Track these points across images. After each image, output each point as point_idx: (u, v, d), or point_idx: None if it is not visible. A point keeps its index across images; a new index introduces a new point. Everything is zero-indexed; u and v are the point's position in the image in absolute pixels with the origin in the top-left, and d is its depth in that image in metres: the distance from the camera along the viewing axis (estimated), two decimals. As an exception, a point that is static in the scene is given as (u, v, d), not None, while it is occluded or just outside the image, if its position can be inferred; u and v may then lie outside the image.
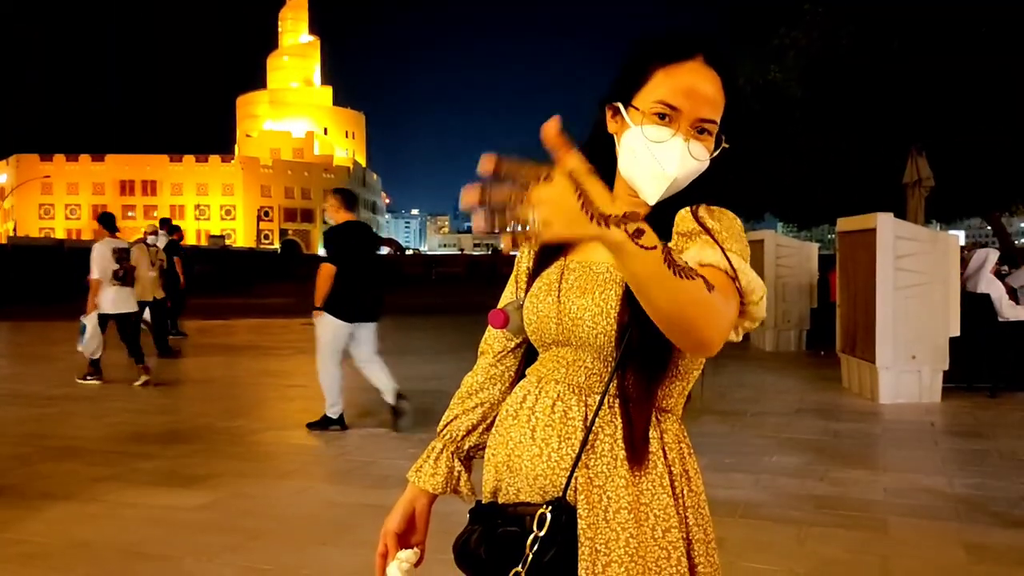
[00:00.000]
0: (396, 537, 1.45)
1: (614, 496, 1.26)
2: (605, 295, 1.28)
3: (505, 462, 1.35)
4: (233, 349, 12.64)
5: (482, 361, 1.50)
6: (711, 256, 1.18)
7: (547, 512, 1.24)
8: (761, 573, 3.48)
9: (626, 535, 1.24)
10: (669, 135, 1.28)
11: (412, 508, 1.48)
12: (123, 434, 6.35)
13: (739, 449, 5.67)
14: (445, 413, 1.50)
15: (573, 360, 1.32)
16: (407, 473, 1.49)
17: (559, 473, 1.28)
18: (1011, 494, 4.68)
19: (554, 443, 1.29)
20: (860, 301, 7.94)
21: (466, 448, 1.48)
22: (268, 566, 3.61)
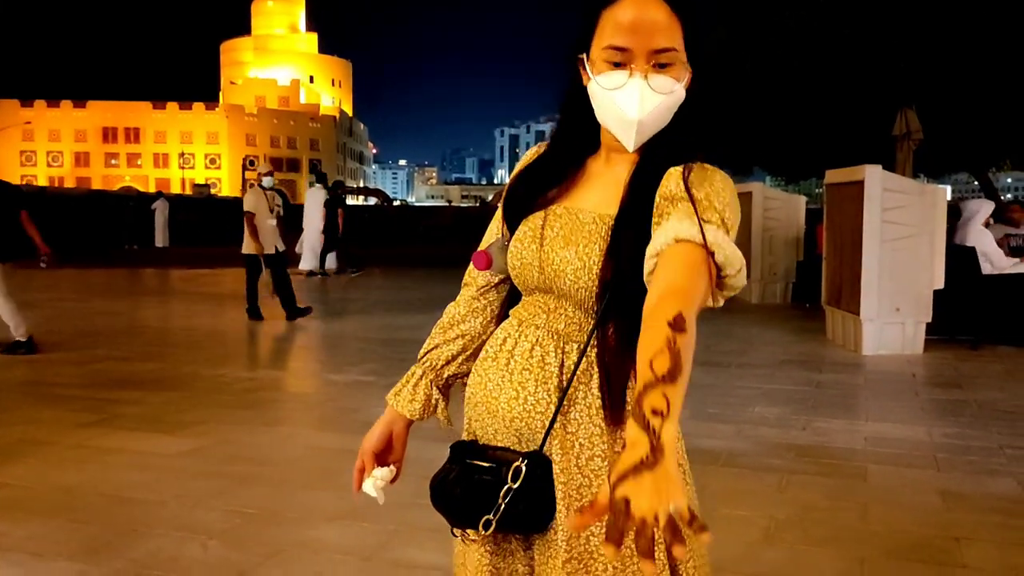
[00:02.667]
0: (373, 456, 1.47)
1: (587, 444, 1.27)
2: (588, 249, 1.27)
3: (484, 403, 1.36)
4: (219, 297, 12.59)
5: (465, 293, 1.49)
6: (687, 230, 1.14)
7: (522, 466, 1.26)
8: (742, 520, 3.53)
9: (599, 481, 1.26)
10: (624, 78, 1.25)
11: (390, 430, 1.49)
12: (106, 381, 6.33)
13: (722, 400, 5.72)
14: (426, 341, 1.50)
15: (555, 307, 1.32)
16: (386, 395, 1.51)
17: (535, 417, 1.29)
18: (989, 444, 4.75)
19: (531, 387, 1.30)
20: (846, 253, 7.96)
21: (445, 376, 1.48)
22: (253, 510, 3.63)
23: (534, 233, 1.33)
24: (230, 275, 17.05)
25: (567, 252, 1.28)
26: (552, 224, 1.32)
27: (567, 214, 1.32)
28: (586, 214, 1.31)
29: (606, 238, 1.26)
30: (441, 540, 3.22)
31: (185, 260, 19.26)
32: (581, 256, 1.27)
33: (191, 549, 3.22)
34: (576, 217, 1.31)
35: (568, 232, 1.30)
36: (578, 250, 1.27)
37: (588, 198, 1.33)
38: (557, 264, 1.29)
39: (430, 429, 2.04)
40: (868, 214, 7.49)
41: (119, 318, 10.28)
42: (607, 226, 1.27)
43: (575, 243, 1.28)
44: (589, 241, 1.27)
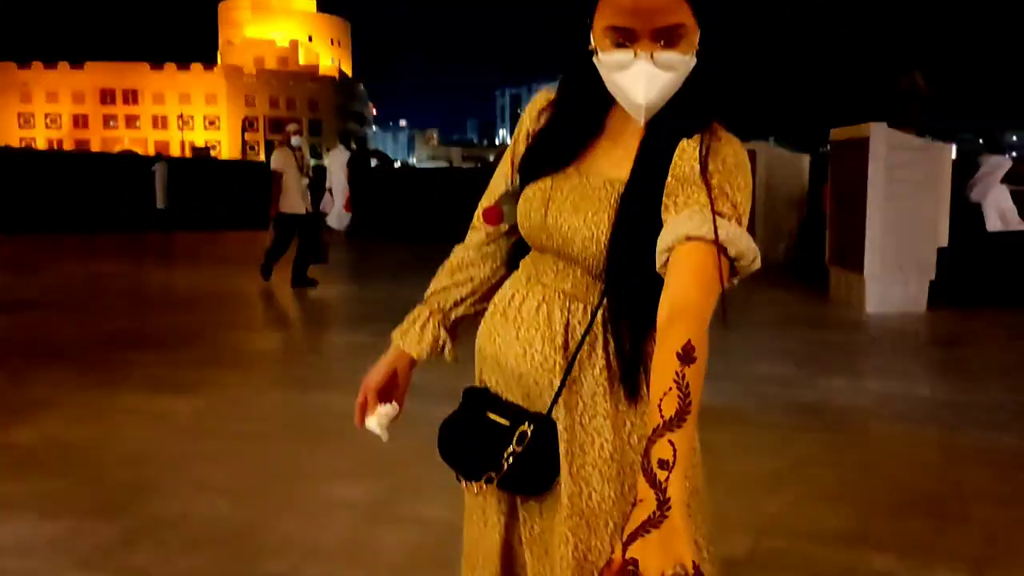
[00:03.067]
0: (376, 392, 1.47)
1: (590, 403, 1.28)
2: (597, 218, 1.25)
3: (493, 356, 1.36)
4: (221, 259, 12.59)
5: (474, 237, 1.47)
6: (699, 227, 1.12)
7: (528, 430, 1.27)
8: (745, 475, 3.56)
9: (601, 440, 1.27)
10: (630, 59, 1.18)
11: (394, 367, 1.49)
12: (112, 342, 6.36)
13: (726, 359, 5.73)
14: (432, 281, 1.49)
15: (562, 268, 1.31)
16: (392, 333, 1.51)
17: (542, 374, 1.29)
18: (990, 401, 4.77)
19: (538, 345, 1.30)
20: (850, 212, 7.93)
21: (452, 318, 1.48)
22: (260, 467, 3.66)
23: (543, 194, 1.31)
24: (232, 237, 17.05)
25: (576, 219, 1.26)
26: (561, 186, 1.30)
27: (577, 176, 1.30)
28: (596, 177, 1.28)
29: (615, 206, 1.24)
30: (447, 495, 3.24)
31: (187, 223, 19.22)
32: (590, 225, 1.25)
33: (200, 506, 3.25)
34: (587, 181, 1.29)
35: (577, 197, 1.28)
36: (587, 218, 1.25)
37: (599, 159, 1.30)
38: (565, 231, 1.27)
39: (434, 387, 2.04)
40: (873, 171, 7.45)
41: (122, 280, 10.30)
42: (617, 192, 1.25)
43: (584, 210, 1.26)
44: (598, 208, 1.25)
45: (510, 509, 1.37)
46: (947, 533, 3.03)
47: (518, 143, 1.40)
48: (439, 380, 1.51)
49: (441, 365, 1.52)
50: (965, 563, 2.79)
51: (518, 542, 1.37)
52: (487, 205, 1.41)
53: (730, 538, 2.88)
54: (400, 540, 2.96)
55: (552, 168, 1.32)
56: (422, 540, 2.95)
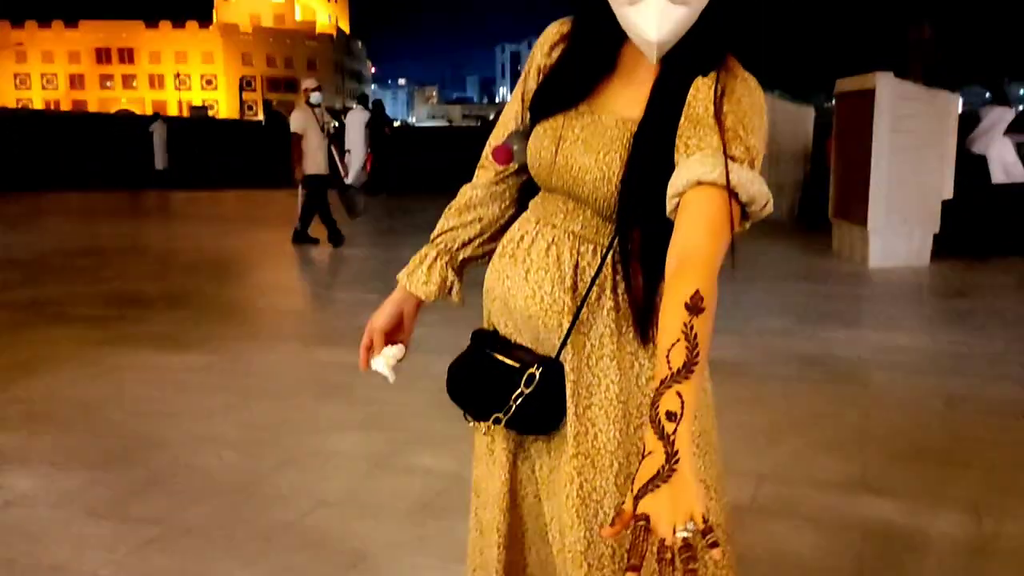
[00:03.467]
0: (383, 334, 1.46)
1: (597, 344, 1.28)
2: (609, 158, 1.23)
3: (502, 298, 1.35)
4: (222, 218, 12.58)
5: (482, 176, 1.44)
6: (710, 172, 1.11)
7: (537, 372, 1.27)
8: (747, 425, 3.59)
9: (607, 381, 1.27)
10: None
11: (400, 309, 1.47)
12: (116, 301, 6.38)
13: (728, 312, 5.70)
14: (439, 222, 1.47)
15: (572, 209, 1.29)
16: (397, 275, 1.49)
17: (551, 316, 1.29)
18: (992, 350, 4.79)
19: (547, 287, 1.29)
20: (855, 165, 7.88)
21: (459, 259, 1.46)
22: (265, 422, 3.70)
23: (554, 133, 1.28)
24: (230, 196, 17.01)
25: (586, 159, 1.24)
26: (573, 125, 1.27)
27: (590, 114, 1.27)
28: (609, 116, 1.26)
29: (627, 146, 1.22)
30: (451, 447, 3.29)
31: (186, 182, 19.16)
32: (601, 165, 1.23)
33: (206, 458, 3.29)
34: (599, 118, 1.26)
35: (589, 136, 1.26)
36: (598, 158, 1.24)
37: (613, 97, 1.28)
38: (576, 172, 1.25)
39: (438, 342, 2.05)
40: (878, 122, 7.39)
41: (125, 240, 10.30)
42: (629, 131, 1.23)
43: (595, 150, 1.24)
44: (610, 149, 1.23)
45: (516, 449, 1.38)
46: (947, 479, 3.07)
47: (528, 79, 1.37)
48: (443, 334, 1.51)
49: (444, 320, 1.51)
50: (965, 508, 2.82)
51: (525, 481, 1.39)
52: (496, 143, 1.38)
53: (732, 485, 2.91)
54: (405, 489, 3.00)
55: (563, 106, 1.29)
56: (427, 489, 2.99)
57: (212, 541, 2.63)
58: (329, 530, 2.69)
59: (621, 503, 1.18)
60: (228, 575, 2.42)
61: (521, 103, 1.38)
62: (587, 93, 1.29)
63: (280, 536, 2.65)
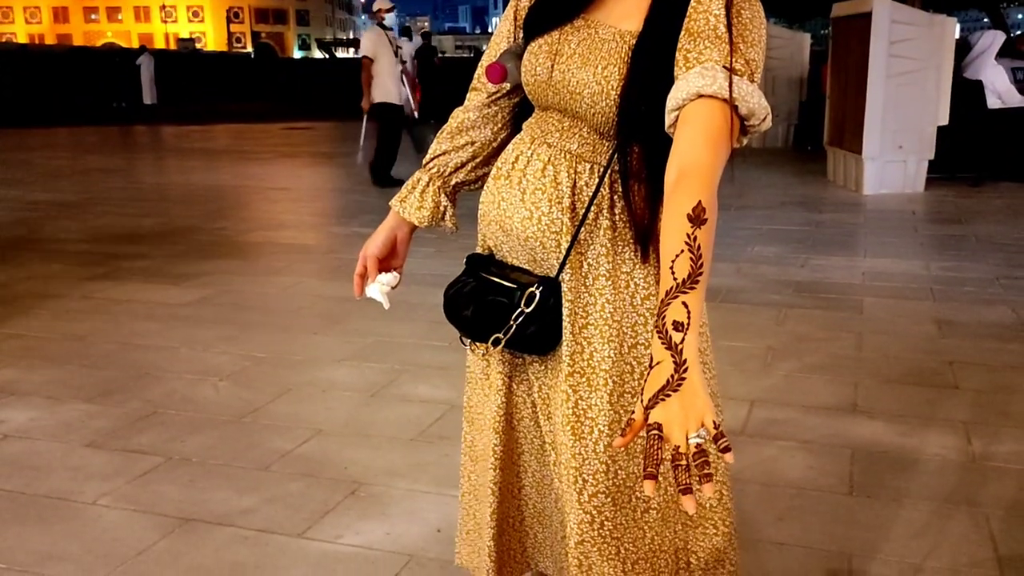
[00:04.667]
0: (377, 261, 1.45)
1: (594, 263, 1.27)
2: (607, 72, 1.20)
3: (497, 221, 1.34)
4: (213, 153, 12.45)
5: (475, 98, 1.42)
6: (712, 84, 1.09)
7: (536, 291, 1.26)
8: (739, 351, 3.62)
9: (602, 300, 1.27)
10: None
11: (394, 235, 1.47)
12: (108, 236, 6.34)
13: (722, 240, 5.73)
14: (431, 147, 1.45)
15: (568, 127, 1.27)
16: (390, 201, 1.47)
17: (549, 237, 1.28)
18: (985, 275, 4.81)
19: (544, 206, 1.27)
20: (851, 91, 7.79)
21: (452, 183, 1.44)
22: (261, 354, 3.71)
23: (550, 48, 1.26)
24: (220, 131, 16.80)
25: (584, 73, 1.22)
26: (569, 39, 1.25)
27: (586, 27, 1.25)
28: (606, 29, 1.23)
29: (626, 59, 1.20)
30: (447, 376, 3.31)
31: (175, 116, 18.91)
32: (599, 79, 1.21)
33: (203, 390, 3.31)
34: (596, 32, 1.24)
35: (586, 50, 1.23)
36: (596, 72, 1.21)
37: (610, 10, 1.25)
38: (573, 86, 1.23)
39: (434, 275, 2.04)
40: (875, 47, 7.27)
41: (115, 175, 10.20)
42: (628, 45, 1.21)
43: (593, 64, 1.22)
44: (608, 62, 1.21)
45: (512, 372, 1.38)
46: (937, 401, 3.10)
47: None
48: (438, 265, 1.50)
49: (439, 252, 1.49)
50: (954, 428, 2.86)
51: (520, 404, 1.40)
52: (489, 62, 1.35)
53: (724, 408, 2.94)
54: (401, 417, 3.03)
55: (559, 19, 1.27)
56: (423, 417, 3.02)
57: (210, 470, 2.66)
58: (326, 458, 2.73)
59: (628, 417, 1.21)
60: (226, 503, 2.46)
61: (513, 21, 1.36)
62: (583, 5, 1.27)
63: (278, 464, 2.69)
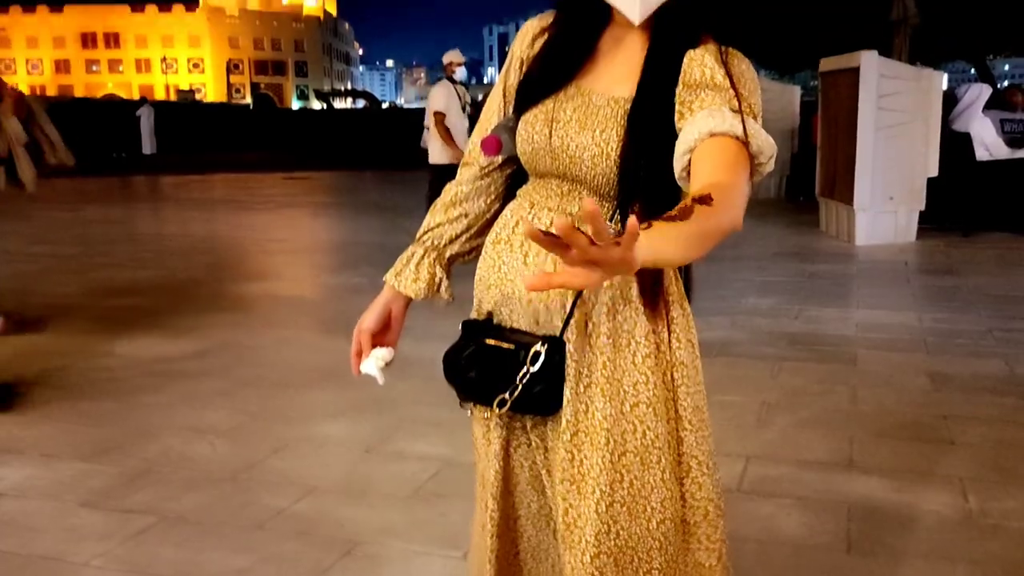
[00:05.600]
0: (371, 336, 1.45)
1: (596, 322, 1.29)
2: (606, 134, 1.25)
3: (498, 285, 1.36)
4: (211, 203, 12.54)
5: (467, 172, 1.45)
6: (722, 123, 1.13)
7: (542, 350, 1.27)
8: (735, 405, 3.62)
9: (603, 358, 1.28)
10: None
11: (388, 310, 1.47)
12: (106, 289, 6.36)
13: (716, 292, 5.77)
14: (425, 220, 1.47)
15: (568, 191, 1.30)
16: (384, 276, 1.48)
17: (554, 298, 1.29)
18: (978, 327, 4.84)
19: (548, 268, 1.29)
20: (841, 144, 7.90)
21: (447, 256, 1.46)
22: (257, 409, 3.71)
23: (546, 116, 1.30)
24: (219, 181, 16.93)
25: (583, 137, 1.26)
26: (564, 106, 1.29)
27: (579, 95, 1.29)
28: (599, 96, 1.28)
29: (623, 122, 1.24)
30: (443, 433, 3.31)
31: (174, 167, 19.06)
32: (598, 141, 1.25)
33: (199, 447, 3.30)
34: (589, 99, 1.28)
35: (582, 116, 1.27)
36: (595, 135, 1.25)
37: (600, 78, 1.30)
38: (573, 150, 1.27)
39: (427, 328, 2.06)
40: (863, 101, 7.40)
41: (113, 226, 10.26)
42: (623, 109, 1.25)
43: (591, 127, 1.26)
44: (606, 126, 1.25)
45: (510, 436, 1.39)
46: (933, 456, 3.11)
47: (509, 73, 1.39)
48: (432, 319, 1.51)
49: (431, 305, 1.50)
50: (950, 484, 2.86)
51: (518, 468, 1.41)
52: (482, 136, 1.38)
53: (719, 464, 2.94)
54: (397, 474, 3.02)
55: (550, 89, 1.31)
56: (419, 474, 3.01)
57: (205, 530, 2.64)
58: (321, 517, 2.72)
59: (630, 477, 1.25)
60: (221, 563, 2.44)
61: (503, 97, 1.40)
62: (573, 74, 1.31)
63: (273, 523, 2.67)
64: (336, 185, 15.49)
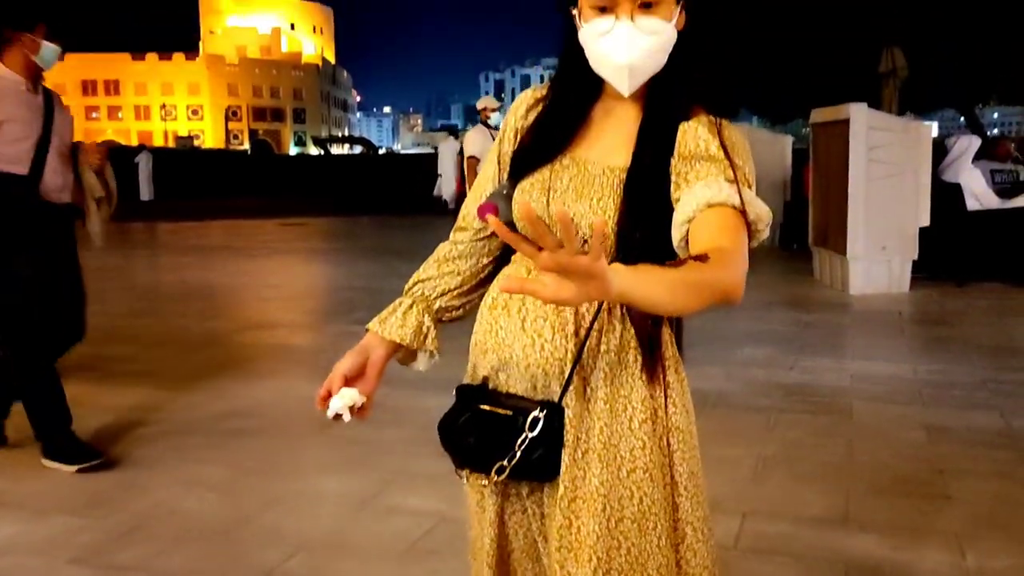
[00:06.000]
0: (343, 379, 1.38)
1: (594, 387, 1.30)
2: (603, 203, 1.27)
3: (494, 350, 1.36)
4: (207, 250, 12.56)
5: (460, 236, 1.46)
6: (719, 193, 1.17)
7: (541, 416, 1.27)
8: (731, 458, 3.60)
9: (600, 424, 1.28)
10: (611, 23, 1.25)
11: (366, 356, 1.41)
12: (100, 337, 6.31)
13: (711, 342, 5.77)
14: (415, 273, 1.46)
15: None
16: (368, 323, 1.44)
17: (552, 363, 1.30)
18: (973, 379, 4.83)
19: (547, 334, 1.31)
20: (833, 193, 7.97)
21: (436, 307, 1.44)
22: (249, 462, 3.68)
23: (543, 185, 1.32)
24: (216, 227, 16.97)
25: (580, 206, 1.29)
26: (560, 176, 1.32)
27: (574, 165, 1.32)
28: (594, 165, 1.31)
29: (619, 191, 1.27)
30: (437, 487, 3.28)
31: (171, 213, 19.13)
32: (596, 210, 1.27)
33: (189, 502, 3.27)
34: (584, 168, 1.31)
35: (579, 185, 1.30)
36: (592, 203, 1.28)
37: (594, 148, 1.33)
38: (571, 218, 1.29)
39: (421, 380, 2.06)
40: (854, 152, 7.48)
41: (108, 273, 10.24)
42: (619, 178, 1.28)
43: (588, 196, 1.29)
44: (603, 195, 1.28)
45: (504, 503, 1.39)
46: (929, 512, 3.09)
47: (504, 142, 1.42)
48: (425, 373, 1.51)
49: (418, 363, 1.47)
50: (947, 541, 2.84)
51: (512, 536, 1.40)
52: (478, 204, 1.40)
53: (716, 522, 2.91)
54: (390, 530, 2.99)
55: (545, 159, 1.34)
56: (412, 529, 2.98)
57: (195, 588, 2.61)
58: (313, 574, 2.68)
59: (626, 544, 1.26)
60: (211, 623, 2.41)
61: (497, 164, 1.42)
62: (567, 144, 1.34)
63: (263, 581, 2.64)
64: (333, 230, 15.55)
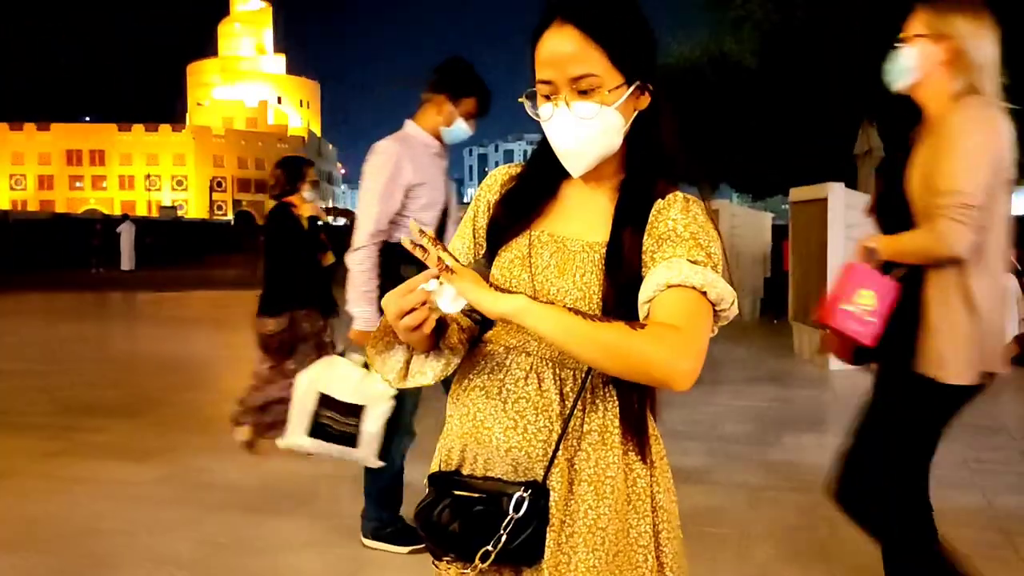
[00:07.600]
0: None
1: (578, 468, 1.28)
2: (586, 278, 1.28)
3: (472, 433, 1.32)
4: (187, 321, 12.46)
5: None
6: (678, 275, 1.19)
7: (525, 496, 1.24)
8: (712, 538, 3.56)
9: (585, 506, 1.27)
10: (551, 110, 1.28)
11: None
12: (73, 408, 6.24)
13: (693, 417, 5.75)
14: None
15: None
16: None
17: (535, 446, 1.28)
18: (954, 458, 4.82)
19: (530, 416, 1.28)
20: (812, 269, 8.07)
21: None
22: (223, 539, 3.59)
23: (522, 260, 1.33)
24: (196, 298, 16.90)
25: (563, 282, 1.29)
26: (539, 252, 1.32)
27: (553, 242, 1.33)
28: (573, 242, 1.32)
29: (600, 266, 1.28)
30: (414, 565, 3.21)
31: (152, 283, 19.04)
32: (579, 286, 1.28)
33: (161, 580, 3.18)
34: (563, 245, 1.32)
35: (560, 261, 1.31)
36: (575, 279, 1.28)
37: (569, 225, 1.34)
38: (555, 294, 1.29)
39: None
40: (832, 231, 7.61)
41: (86, 343, 10.14)
42: (599, 254, 1.29)
43: (570, 272, 1.29)
44: (585, 271, 1.29)
45: None
46: (914, 593, 3.03)
47: (478, 215, 1.43)
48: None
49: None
50: (932, 624, 2.79)
51: None
52: None
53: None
54: (366, 612, 2.91)
55: (515, 231, 1.35)
56: (389, 611, 2.90)
57: (161, 672, 2.51)
58: (285, 658, 2.60)
59: None
60: None
61: (472, 238, 1.43)
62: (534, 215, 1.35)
63: (233, 665, 2.55)
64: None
